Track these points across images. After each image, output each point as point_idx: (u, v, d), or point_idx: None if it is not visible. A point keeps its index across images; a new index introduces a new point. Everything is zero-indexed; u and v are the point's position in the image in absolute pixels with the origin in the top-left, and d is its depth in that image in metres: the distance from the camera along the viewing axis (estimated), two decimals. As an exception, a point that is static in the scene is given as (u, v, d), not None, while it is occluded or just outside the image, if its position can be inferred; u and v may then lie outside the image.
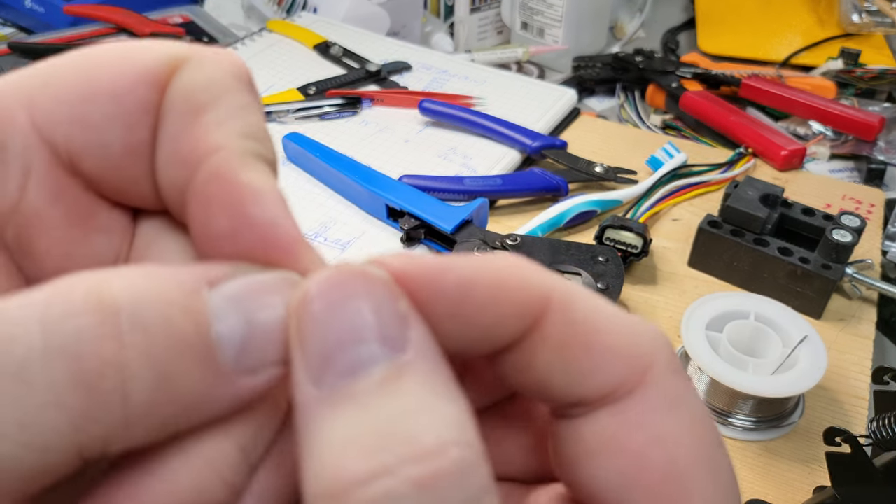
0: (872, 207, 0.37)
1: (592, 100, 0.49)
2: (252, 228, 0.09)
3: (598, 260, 0.29)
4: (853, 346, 0.29)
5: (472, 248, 0.30)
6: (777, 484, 0.24)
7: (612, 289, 0.28)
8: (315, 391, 0.08)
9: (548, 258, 0.29)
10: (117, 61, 0.09)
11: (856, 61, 0.46)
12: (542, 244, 0.30)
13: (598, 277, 0.28)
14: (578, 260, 0.29)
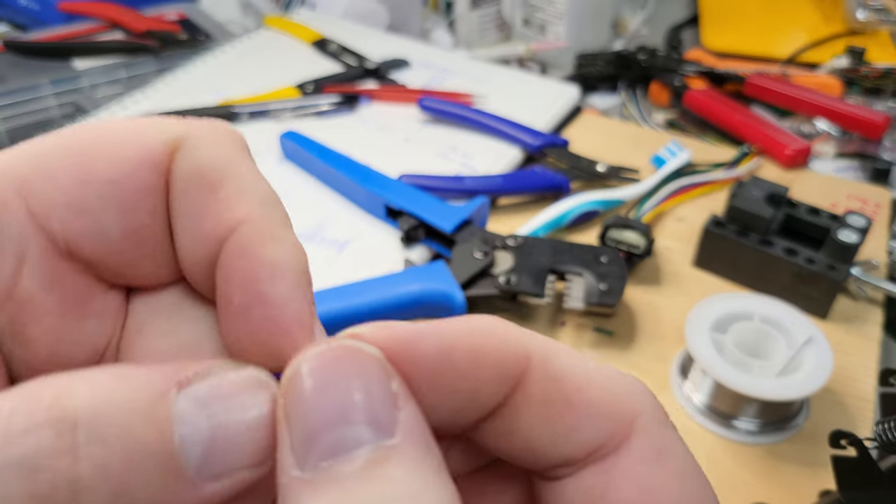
0: (878, 207, 0.36)
1: (595, 97, 0.49)
2: (262, 307, 0.09)
3: (601, 261, 0.28)
4: (859, 348, 0.29)
5: (472, 248, 0.29)
6: (782, 488, 0.24)
7: (613, 290, 0.27)
8: (298, 473, 0.07)
9: (549, 259, 0.29)
10: (115, 145, 0.10)
11: (861, 59, 0.46)
12: (544, 245, 0.29)
13: (600, 278, 0.28)
14: (580, 260, 0.28)
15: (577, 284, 0.28)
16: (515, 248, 0.29)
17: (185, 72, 0.45)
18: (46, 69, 0.44)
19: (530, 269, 0.28)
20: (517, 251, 0.29)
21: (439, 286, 0.27)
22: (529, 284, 0.27)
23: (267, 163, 0.38)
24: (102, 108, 0.41)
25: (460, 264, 0.28)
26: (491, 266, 0.28)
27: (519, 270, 0.28)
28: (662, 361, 0.28)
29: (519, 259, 0.28)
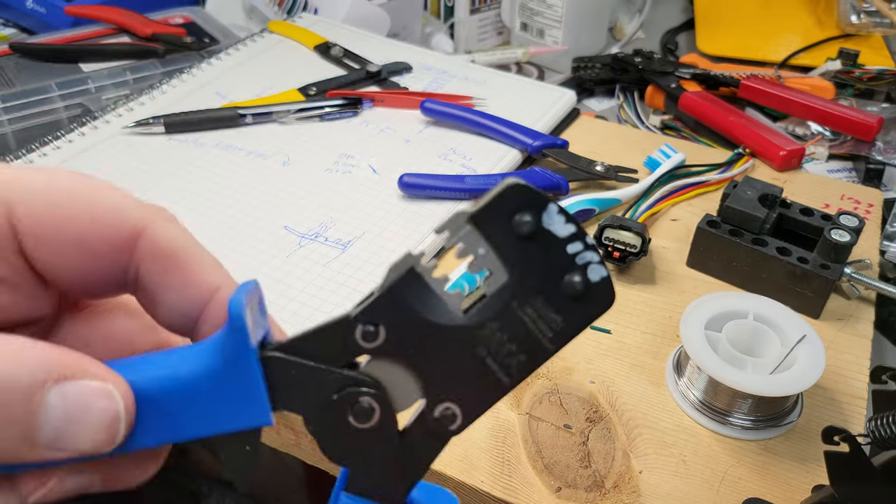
0: (871, 207, 0.37)
1: (592, 100, 0.49)
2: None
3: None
4: (852, 346, 0.29)
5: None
6: (776, 483, 0.24)
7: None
8: None
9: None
10: (93, 216, 0.13)
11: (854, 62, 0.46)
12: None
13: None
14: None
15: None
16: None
17: (191, 75, 0.45)
18: (53, 72, 0.45)
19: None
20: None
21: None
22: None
23: (272, 165, 0.38)
24: (108, 110, 0.42)
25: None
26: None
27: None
28: (658, 359, 0.29)
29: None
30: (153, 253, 0.13)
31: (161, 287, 0.13)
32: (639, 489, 0.24)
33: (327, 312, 0.29)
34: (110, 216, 0.13)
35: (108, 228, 0.13)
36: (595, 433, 0.25)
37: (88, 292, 0.14)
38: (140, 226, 0.13)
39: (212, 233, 0.33)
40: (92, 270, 0.13)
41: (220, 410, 0.12)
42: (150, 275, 0.13)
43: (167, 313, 0.14)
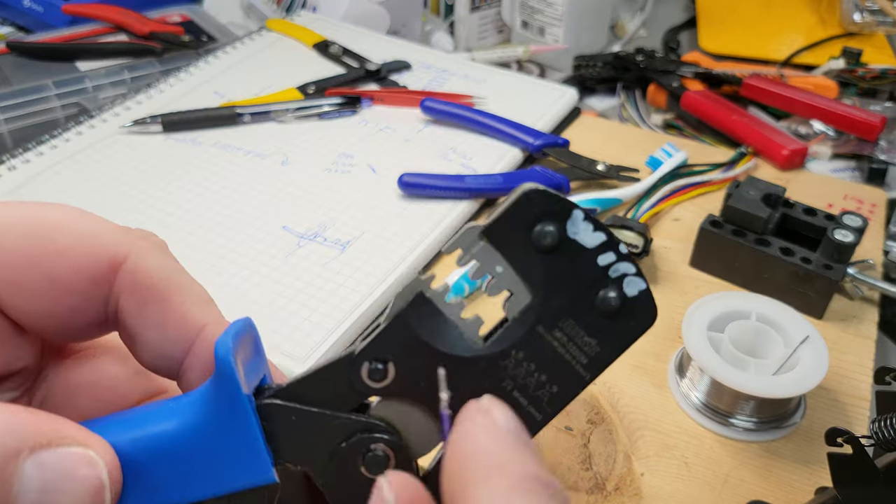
0: (874, 207, 0.37)
1: (593, 99, 0.49)
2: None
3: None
4: (855, 347, 0.29)
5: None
6: (778, 485, 0.24)
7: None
8: None
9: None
10: (66, 248, 0.11)
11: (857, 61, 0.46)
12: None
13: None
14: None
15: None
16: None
17: (188, 74, 0.45)
18: (50, 71, 0.45)
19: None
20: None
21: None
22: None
23: (270, 164, 0.38)
24: (106, 109, 0.41)
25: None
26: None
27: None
28: (660, 359, 0.28)
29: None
30: (132, 285, 0.12)
31: (139, 324, 0.12)
32: (640, 492, 0.24)
33: (327, 313, 0.29)
34: (84, 246, 0.11)
35: (83, 260, 0.11)
36: (596, 435, 0.25)
37: (70, 335, 0.12)
38: (121, 255, 0.12)
39: (210, 233, 0.33)
40: (70, 309, 0.12)
41: (216, 469, 0.11)
42: (129, 310, 0.12)
43: (148, 354, 0.12)
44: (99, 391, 0.13)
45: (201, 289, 0.13)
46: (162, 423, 0.11)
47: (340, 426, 0.11)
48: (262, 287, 0.30)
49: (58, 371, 0.13)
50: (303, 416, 0.11)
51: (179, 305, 0.12)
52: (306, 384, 0.11)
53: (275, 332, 0.28)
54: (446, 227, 0.34)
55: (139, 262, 0.12)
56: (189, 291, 0.12)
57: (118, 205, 0.34)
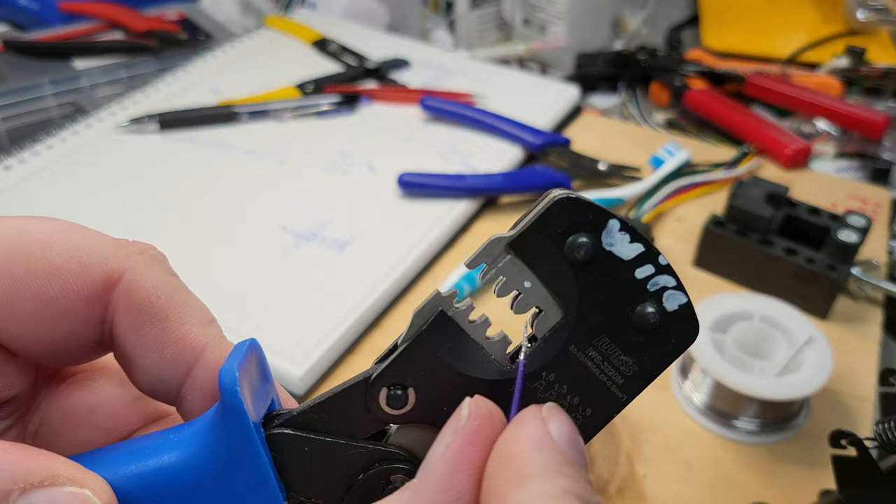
0: (878, 207, 0.36)
1: (595, 97, 0.48)
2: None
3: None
4: (859, 348, 0.29)
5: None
6: (782, 487, 0.24)
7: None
8: None
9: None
10: (57, 267, 0.11)
11: (861, 59, 0.46)
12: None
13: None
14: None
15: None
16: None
17: (186, 72, 0.44)
18: (46, 69, 0.44)
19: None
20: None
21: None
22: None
23: (268, 163, 0.38)
24: (102, 108, 0.41)
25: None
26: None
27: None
28: (663, 361, 0.28)
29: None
30: (128, 304, 0.11)
31: (135, 345, 0.11)
32: (643, 494, 0.23)
33: (326, 314, 0.28)
34: (76, 264, 0.11)
35: (75, 279, 0.11)
36: (599, 437, 0.25)
37: (64, 358, 0.11)
38: (116, 271, 0.11)
39: (207, 233, 0.32)
40: (63, 332, 0.11)
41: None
42: (124, 330, 0.11)
43: (144, 377, 0.11)
44: (97, 418, 0.12)
45: (202, 307, 0.12)
46: (163, 457, 0.10)
47: (357, 456, 0.10)
48: (259, 288, 0.29)
49: (53, 397, 0.12)
50: (316, 445, 0.10)
51: (178, 326, 0.11)
52: (320, 410, 0.10)
53: (272, 334, 0.27)
54: (446, 226, 0.34)
55: (136, 279, 0.11)
56: (189, 310, 0.11)
57: (115, 204, 0.34)
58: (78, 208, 0.33)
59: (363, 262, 0.31)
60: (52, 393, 0.12)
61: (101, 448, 0.11)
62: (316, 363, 0.27)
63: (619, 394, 0.11)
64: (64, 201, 0.34)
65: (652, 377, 0.11)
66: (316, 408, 0.11)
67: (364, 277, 0.30)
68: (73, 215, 0.33)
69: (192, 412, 0.11)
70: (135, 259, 0.11)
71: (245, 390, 0.10)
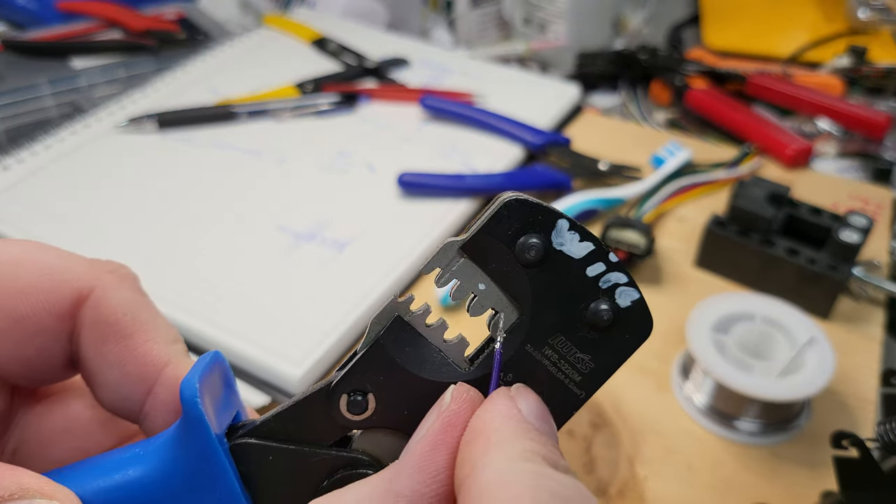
0: (879, 207, 0.36)
1: (595, 96, 0.48)
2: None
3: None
4: (861, 348, 0.29)
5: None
6: (783, 489, 0.24)
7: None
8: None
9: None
10: (26, 286, 0.11)
11: (863, 58, 0.45)
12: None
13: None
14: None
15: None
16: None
17: (184, 71, 0.44)
18: (44, 68, 0.44)
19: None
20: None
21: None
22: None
23: (267, 163, 0.38)
24: (101, 107, 0.41)
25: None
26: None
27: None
28: (663, 362, 0.28)
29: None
30: (94, 320, 0.11)
31: (98, 361, 0.11)
32: (644, 496, 0.23)
33: (326, 314, 0.28)
34: (47, 282, 0.11)
35: (47, 296, 0.11)
36: (599, 439, 0.25)
37: (38, 378, 0.12)
38: (85, 289, 0.11)
39: (205, 233, 0.32)
40: (36, 350, 0.11)
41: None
42: (88, 346, 0.11)
43: (107, 394, 0.12)
44: (72, 438, 0.12)
45: (168, 326, 0.12)
46: (128, 471, 0.10)
47: (321, 463, 0.11)
48: (259, 288, 0.29)
49: (29, 417, 0.12)
50: (281, 454, 0.10)
51: (142, 343, 0.11)
52: (283, 419, 0.11)
53: (271, 334, 0.27)
54: (446, 226, 0.33)
55: (103, 296, 0.11)
56: (153, 329, 0.12)
57: (114, 204, 0.34)
58: (76, 208, 0.33)
59: (363, 263, 0.31)
60: (28, 414, 0.12)
61: (70, 465, 0.11)
62: (316, 363, 0.26)
63: (577, 391, 0.11)
64: (62, 201, 0.34)
65: (609, 373, 0.11)
66: (279, 417, 0.11)
67: (364, 277, 0.30)
68: (71, 215, 0.33)
69: (155, 429, 0.11)
70: (105, 277, 0.11)
71: (207, 401, 0.10)
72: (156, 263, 0.30)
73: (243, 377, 0.26)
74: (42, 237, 0.31)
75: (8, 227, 0.32)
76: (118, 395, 0.12)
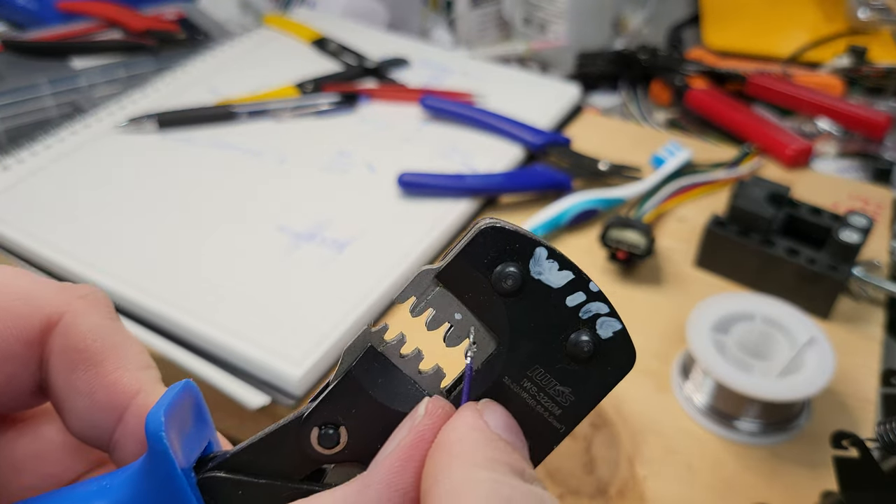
0: (880, 207, 0.36)
1: (595, 96, 0.48)
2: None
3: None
4: (861, 349, 0.29)
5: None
6: (784, 489, 0.24)
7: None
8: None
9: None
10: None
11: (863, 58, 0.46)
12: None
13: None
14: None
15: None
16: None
17: (184, 71, 0.44)
18: (44, 69, 0.44)
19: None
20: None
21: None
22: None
23: (267, 163, 0.38)
24: (101, 107, 0.41)
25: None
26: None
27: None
28: (663, 362, 0.28)
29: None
30: (63, 346, 0.11)
31: (68, 389, 0.11)
32: (644, 496, 0.23)
33: (326, 315, 0.28)
34: (18, 307, 0.11)
35: (16, 322, 0.11)
36: (599, 439, 0.25)
37: (7, 405, 0.11)
38: (55, 315, 0.11)
39: (205, 234, 0.32)
40: (6, 377, 0.11)
41: None
42: (57, 373, 0.11)
43: (76, 423, 0.11)
44: (43, 465, 0.12)
45: (140, 352, 0.12)
46: (95, 503, 0.10)
47: (292, 497, 0.10)
48: (258, 288, 0.29)
49: (0, 444, 0.12)
50: (250, 488, 0.10)
51: (112, 371, 0.11)
52: (254, 451, 0.10)
53: (271, 334, 0.27)
54: (447, 226, 0.33)
55: (73, 322, 0.11)
56: (124, 355, 0.11)
57: (113, 204, 0.34)
58: (77, 208, 0.33)
59: (363, 263, 0.31)
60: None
61: (36, 497, 0.10)
62: (315, 364, 0.26)
63: (556, 425, 0.10)
64: (62, 202, 0.34)
65: (590, 407, 0.10)
66: (249, 449, 0.10)
67: (364, 277, 0.30)
68: (71, 215, 0.33)
69: (124, 459, 0.11)
70: (75, 303, 0.11)
71: (173, 434, 0.10)
72: (156, 263, 0.30)
73: (243, 377, 0.27)
74: (42, 237, 0.31)
75: (8, 227, 0.32)
76: (87, 423, 0.11)
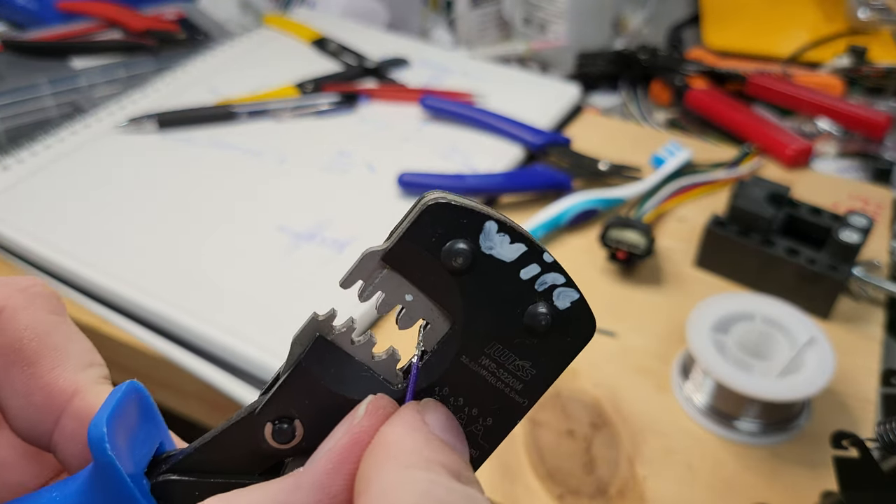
0: (879, 207, 0.36)
1: (595, 96, 0.48)
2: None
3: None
4: (861, 349, 0.29)
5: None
6: (784, 489, 0.24)
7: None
8: None
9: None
10: None
11: (863, 58, 0.46)
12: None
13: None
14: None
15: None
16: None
17: (184, 71, 0.44)
18: (44, 69, 0.44)
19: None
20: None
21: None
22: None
23: (267, 163, 0.38)
24: (101, 107, 0.41)
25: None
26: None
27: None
28: (663, 362, 0.28)
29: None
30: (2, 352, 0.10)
31: (6, 389, 0.11)
32: (644, 496, 0.23)
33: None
34: None
35: None
36: (599, 439, 0.25)
37: None
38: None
39: (205, 234, 0.32)
40: None
41: None
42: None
43: (17, 423, 0.11)
44: (5, 472, 0.11)
45: (84, 350, 0.11)
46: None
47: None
48: (258, 288, 0.29)
49: None
50: (207, 489, 0.10)
51: (48, 371, 0.11)
52: (208, 450, 0.10)
53: (271, 335, 0.27)
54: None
55: (12, 317, 0.11)
56: (63, 355, 0.11)
57: (113, 204, 0.34)
58: (77, 208, 0.33)
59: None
60: None
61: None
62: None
63: (519, 399, 0.10)
64: (62, 202, 0.34)
65: (552, 379, 0.10)
66: (202, 448, 0.10)
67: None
68: (71, 215, 0.33)
69: (67, 461, 0.11)
70: (14, 297, 0.11)
71: (120, 441, 0.09)
72: (156, 263, 0.30)
73: (243, 377, 0.26)
74: (42, 237, 0.31)
75: (8, 227, 0.32)
76: (27, 424, 0.11)
